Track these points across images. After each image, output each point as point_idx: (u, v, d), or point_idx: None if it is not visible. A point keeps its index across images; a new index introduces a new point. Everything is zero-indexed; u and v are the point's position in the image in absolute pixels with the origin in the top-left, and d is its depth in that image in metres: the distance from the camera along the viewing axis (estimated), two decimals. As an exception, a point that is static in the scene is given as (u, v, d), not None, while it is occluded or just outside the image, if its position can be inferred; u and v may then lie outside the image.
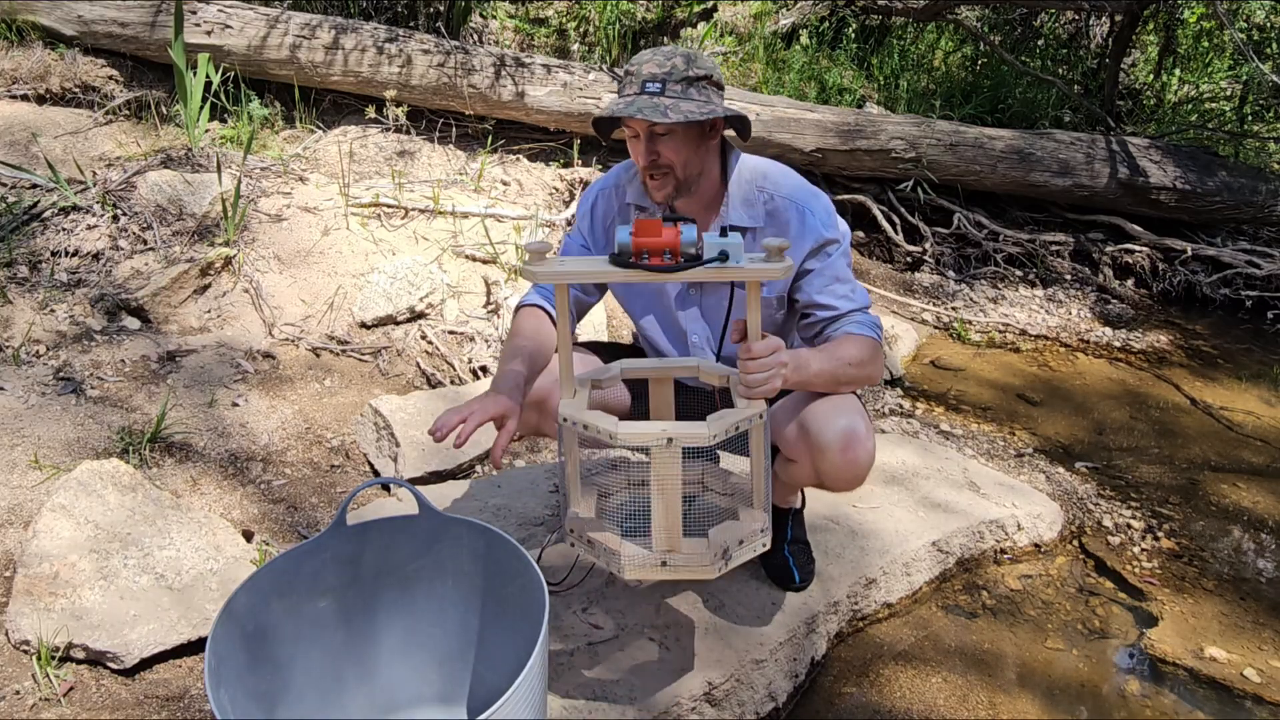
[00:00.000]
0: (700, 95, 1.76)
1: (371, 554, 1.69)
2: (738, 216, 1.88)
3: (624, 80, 1.80)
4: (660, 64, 1.75)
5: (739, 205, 1.88)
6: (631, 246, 1.55)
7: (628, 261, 1.56)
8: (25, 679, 1.83)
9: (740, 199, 1.88)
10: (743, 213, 1.88)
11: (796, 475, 1.97)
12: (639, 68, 1.77)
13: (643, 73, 1.76)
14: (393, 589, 1.72)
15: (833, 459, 1.80)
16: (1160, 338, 4.26)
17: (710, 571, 1.62)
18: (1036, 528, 2.62)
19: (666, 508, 1.60)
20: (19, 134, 3.78)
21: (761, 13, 5.88)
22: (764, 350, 1.60)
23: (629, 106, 1.72)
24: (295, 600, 1.61)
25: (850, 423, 1.80)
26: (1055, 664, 2.20)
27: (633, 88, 1.76)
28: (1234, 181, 4.71)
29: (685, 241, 1.55)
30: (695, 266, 1.54)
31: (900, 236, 4.66)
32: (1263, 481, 3.06)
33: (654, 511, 1.61)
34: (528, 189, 4.20)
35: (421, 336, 3.27)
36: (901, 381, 3.61)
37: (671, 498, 1.59)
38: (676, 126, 1.76)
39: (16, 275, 3.13)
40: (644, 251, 1.55)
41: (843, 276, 1.90)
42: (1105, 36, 6.09)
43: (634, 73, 1.77)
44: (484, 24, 5.23)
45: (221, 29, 4.07)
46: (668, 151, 1.79)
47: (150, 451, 2.50)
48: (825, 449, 1.80)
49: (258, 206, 3.54)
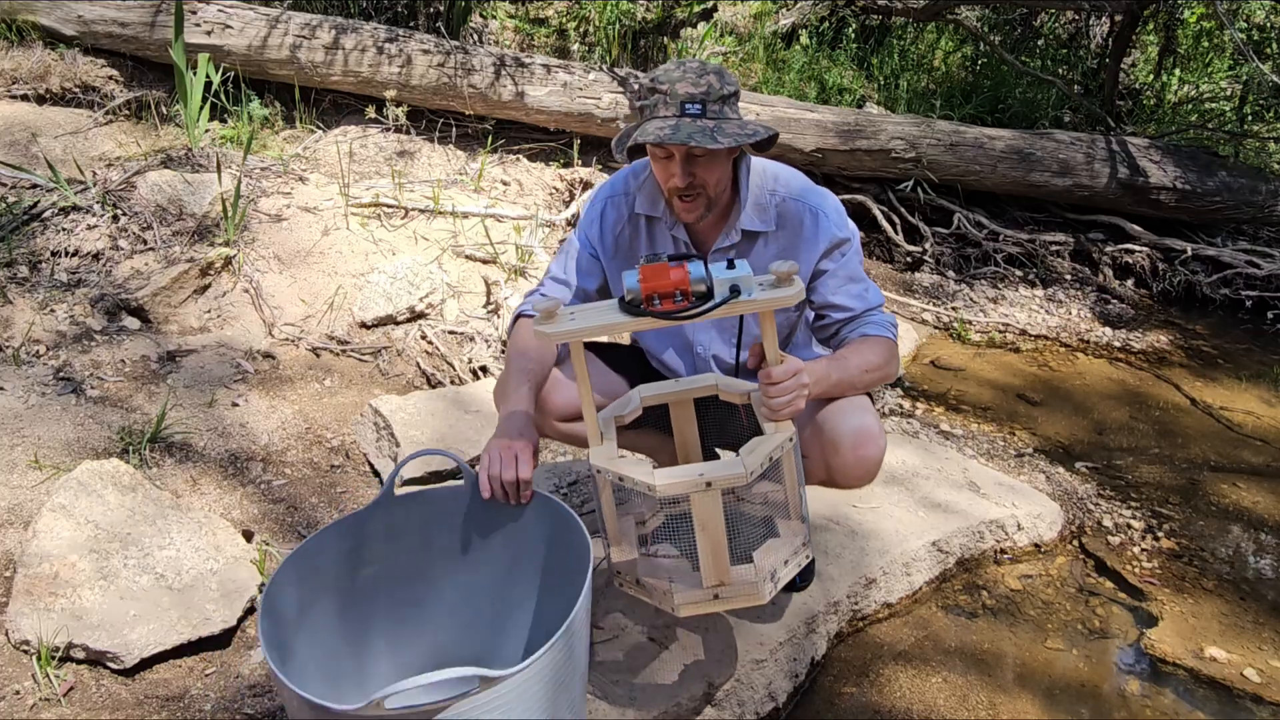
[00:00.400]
0: (734, 114, 1.75)
1: (419, 522, 1.75)
2: (750, 221, 1.88)
3: (653, 99, 1.74)
4: (695, 83, 1.71)
5: (751, 210, 1.88)
6: (641, 293, 1.54)
7: (639, 309, 1.55)
8: (25, 679, 1.83)
9: (752, 203, 1.88)
10: (755, 217, 1.88)
11: (807, 471, 1.97)
12: (672, 86, 1.71)
13: (679, 92, 1.70)
14: (441, 555, 1.77)
15: (845, 456, 1.82)
16: (1160, 338, 4.26)
17: (762, 597, 1.64)
18: (1036, 528, 2.62)
19: (712, 546, 1.61)
20: (19, 134, 3.78)
21: (761, 13, 5.88)
22: (785, 374, 1.60)
23: (676, 133, 1.67)
24: (344, 568, 1.68)
25: (863, 421, 1.82)
26: (1055, 664, 2.20)
27: (670, 109, 1.71)
28: (1234, 181, 4.71)
29: (694, 279, 1.55)
30: (708, 306, 1.53)
31: (900, 236, 4.66)
32: (1263, 481, 3.06)
33: (700, 550, 1.61)
34: (528, 189, 4.20)
35: (421, 336, 3.27)
36: (901, 381, 3.61)
37: (715, 536, 1.60)
38: (720, 150, 1.73)
39: (16, 275, 3.13)
40: (654, 296, 1.54)
41: (856, 276, 1.91)
42: (1105, 36, 6.08)
43: (667, 91, 1.71)
44: (484, 24, 5.23)
45: (221, 29, 4.07)
46: (704, 173, 1.76)
47: (150, 451, 2.50)
48: (838, 446, 1.82)
49: (258, 206, 3.54)
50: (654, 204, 1.92)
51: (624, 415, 1.79)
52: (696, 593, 1.64)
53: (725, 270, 1.56)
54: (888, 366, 1.86)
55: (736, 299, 1.53)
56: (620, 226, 1.98)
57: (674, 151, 1.74)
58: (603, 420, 1.73)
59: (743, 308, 1.55)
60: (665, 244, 1.95)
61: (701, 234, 1.93)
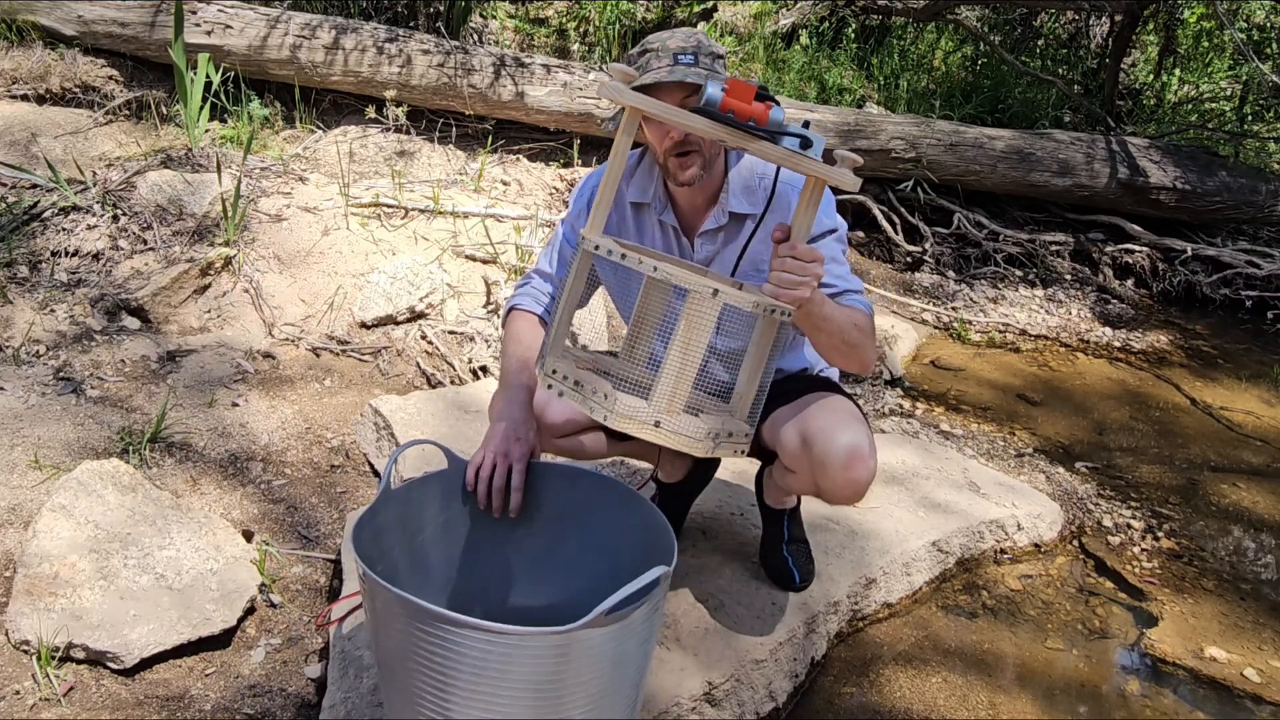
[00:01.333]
0: (723, 71, 1.74)
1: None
2: (738, 203, 1.85)
3: (644, 57, 1.73)
4: (685, 39, 1.72)
5: (739, 192, 1.86)
6: (720, 104, 1.50)
7: (713, 113, 1.51)
8: (25, 679, 1.83)
9: (740, 186, 1.86)
10: (743, 199, 1.86)
11: (794, 485, 1.95)
12: (662, 44, 1.72)
13: (670, 46, 1.71)
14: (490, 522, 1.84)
15: (834, 476, 1.77)
16: (1160, 338, 4.26)
17: (698, 451, 1.57)
18: (1036, 528, 2.62)
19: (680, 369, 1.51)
20: (19, 134, 3.78)
21: (761, 13, 5.88)
22: (807, 254, 1.56)
23: (673, 73, 1.66)
24: (402, 533, 1.75)
25: (854, 439, 1.77)
26: (1055, 664, 2.20)
27: (663, 59, 1.70)
28: (1234, 181, 4.71)
29: (774, 120, 1.51)
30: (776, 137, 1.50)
31: (900, 236, 4.66)
32: (1263, 481, 3.06)
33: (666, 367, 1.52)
34: (528, 189, 4.20)
35: (421, 336, 3.28)
36: (901, 381, 3.61)
37: (690, 357, 1.51)
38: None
39: (16, 275, 3.13)
40: (731, 111, 1.50)
41: (839, 260, 1.87)
42: (1105, 36, 6.09)
43: (658, 49, 1.72)
44: (484, 24, 5.23)
45: (222, 29, 4.07)
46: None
47: (150, 451, 2.50)
48: (827, 465, 1.77)
49: (258, 206, 3.54)
50: (643, 191, 1.90)
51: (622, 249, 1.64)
52: (640, 409, 1.53)
53: (802, 127, 1.54)
54: (869, 338, 1.82)
55: (801, 152, 1.51)
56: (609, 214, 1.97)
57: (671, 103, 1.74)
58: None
59: (802, 165, 1.52)
60: (653, 230, 1.93)
61: (690, 216, 1.90)
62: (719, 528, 2.35)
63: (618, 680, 1.47)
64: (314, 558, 2.29)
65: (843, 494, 1.81)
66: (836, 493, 1.81)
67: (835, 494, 1.81)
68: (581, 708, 1.43)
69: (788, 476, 1.96)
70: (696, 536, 2.28)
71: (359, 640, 1.88)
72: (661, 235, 1.93)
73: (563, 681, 1.40)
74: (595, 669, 1.42)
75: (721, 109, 1.51)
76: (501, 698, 1.39)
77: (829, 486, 1.80)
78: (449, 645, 1.37)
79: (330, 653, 1.89)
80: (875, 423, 3.22)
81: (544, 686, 1.39)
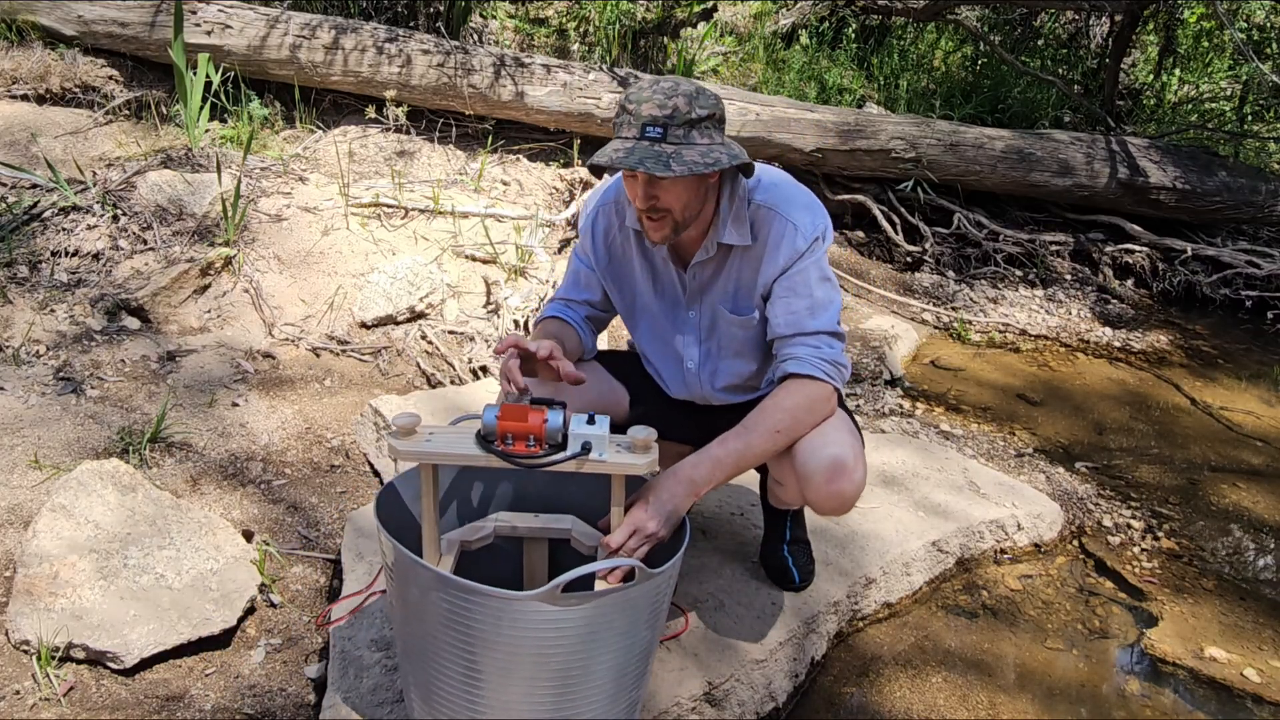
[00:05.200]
0: (703, 138, 1.68)
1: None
2: (729, 235, 1.84)
3: (621, 118, 1.70)
4: (660, 104, 1.65)
5: (731, 224, 1.83)
6: (496, 430, 1.55)
7: (490, 445, 1.56)
8: (25, 679, 1.83)
9: (733, 217, 1.83)
10: (733, 231, 1.83)
11: (784, 496, 1.97)
12: (638, 107, 1.66)
13: (642, 114, 1.65)
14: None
15: (818, 489, 1.76)
16: (1160, 338, 4.26)
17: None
18: (1036, 528, 2.62)
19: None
20: (19, 134, 3.78)
21: (761, 13, 5.88)
22: (619, 541, 1.62)
23: (628, 156, 1.63)
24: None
25: (838, 452, 1.75)
26: (1055, 664, 2.20)
27: (631, 129, 1.66)
28: (1234, 181, 4.71)
29: (550, 429, 1.55)
30: (556, 458, 1.55)
31: (900, 236, 4.66)
32: (1263, 481, 3.06)
33: None
34: (528, 189, 4.20)
35: (421, 336, 3.28)
36: (901, 381, 3.61)
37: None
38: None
39: (16, 275, 3.13)
40: (508, 435, 1.55)
41: (802, 292, 1.82)
42: (1105, 36, 6.09)
43: (632, 112, 1.67)
44: (484, 24, 5.23)
45: (221, 29, 4.07)
46: (667, 198, 1.71)
47: (150, 451, 2.50)
48: (810, 478, 1.76)
49: (258, 206, 3.54)
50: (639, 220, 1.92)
51: (471, 540, 1.76)
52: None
53: (584, 425, 1.57)
54: (809, 415, 1.78)
55: (586, 456, 1.55)
56: (612, 234, 1.97)
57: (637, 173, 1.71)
58: (448, 541, 1.72)
59: (591, 467, 1.56)
60: (651, 258, 1.94)
61: (684, 246, 1.91)
62: (719, 528, 2.35)
63: (633, 639, 1.54)
64: (314, 558, 2.29)
65: (828, 506, 1.79)
66: (822, 505, 1.80)
67: (821, 506, 1.81)
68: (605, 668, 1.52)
69: (776, 489, 1.99)
70: (696, 536, 2.28)
71: (359, 640, 1.88)
72: (660, 264, 1.95)
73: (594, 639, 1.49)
74: (629, 620, 1.52)
75: (499, 433, 1.55)
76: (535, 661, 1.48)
77: (814, 499, 1.79)
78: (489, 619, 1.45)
79: (330, 653, 1.89)
80: (875, 423, 3.23)
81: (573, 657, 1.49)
